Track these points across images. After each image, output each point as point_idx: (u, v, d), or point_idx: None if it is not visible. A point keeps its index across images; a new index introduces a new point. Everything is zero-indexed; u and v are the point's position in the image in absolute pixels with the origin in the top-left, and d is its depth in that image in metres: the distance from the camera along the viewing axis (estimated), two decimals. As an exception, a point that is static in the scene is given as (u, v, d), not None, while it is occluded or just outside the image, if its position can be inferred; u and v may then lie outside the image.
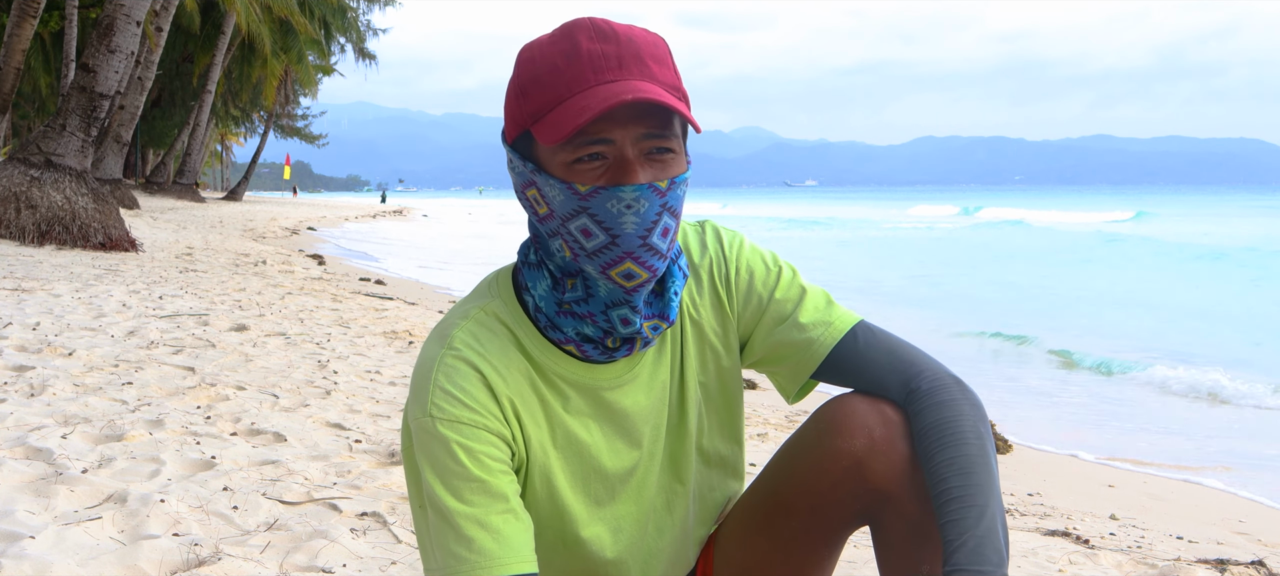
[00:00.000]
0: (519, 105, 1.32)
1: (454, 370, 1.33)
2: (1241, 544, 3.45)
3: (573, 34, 1.29)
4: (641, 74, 1.28)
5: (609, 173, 1.27)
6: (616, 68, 1.27)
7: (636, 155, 1.27)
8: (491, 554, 1.29)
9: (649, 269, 1.31)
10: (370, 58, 44.97)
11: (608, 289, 1.33)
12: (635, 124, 1.27)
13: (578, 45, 1.28)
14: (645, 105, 1.26)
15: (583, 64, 1.27)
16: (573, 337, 1.37)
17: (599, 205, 1.27)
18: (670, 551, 1.54)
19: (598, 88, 1.26)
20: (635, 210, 1.27)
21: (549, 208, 1.32)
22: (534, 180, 1.32)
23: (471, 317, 1.39)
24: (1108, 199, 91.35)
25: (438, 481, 1.31)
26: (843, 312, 1.48)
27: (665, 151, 1.29)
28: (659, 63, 1.30)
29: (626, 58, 1.28)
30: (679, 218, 1.34)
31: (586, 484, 1.44)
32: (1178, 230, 33.89)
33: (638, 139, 1.27)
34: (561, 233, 1.32)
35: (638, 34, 1.31)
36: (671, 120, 1.29)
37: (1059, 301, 13.61)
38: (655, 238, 1.30)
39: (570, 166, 1.28)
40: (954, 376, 1.42)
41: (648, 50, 1.30)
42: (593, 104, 1.24)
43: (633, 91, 1.24)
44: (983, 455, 1.33)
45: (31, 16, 14.28)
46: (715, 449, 1.54)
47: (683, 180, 1.31)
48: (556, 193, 1.29)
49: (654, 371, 1.45)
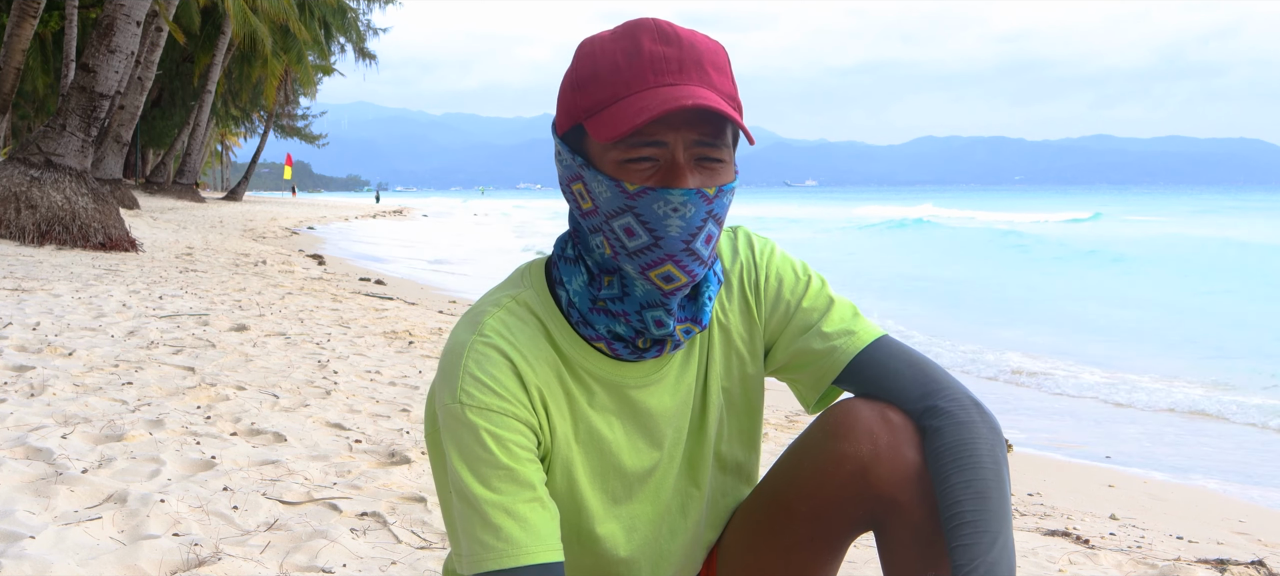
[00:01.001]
0: (574, 98, 1.32)
1: (484, 357, 1.33)
2: (1241, 544, 3.45)
3: (636, 34, 1.29)
4: (701, 80, 1.28)
5: (659, 175, 1.28)
6: (677, 71, 1.28)
7: (687, 160, 1.28)
8: (519, 542, 1.29)
9: (689, 273, 1.31)
10: (370, 58, 45.00)
11: (645, 289, 1.33)
12: (689, 129, 1.27)
13: (640, 45, 1.28)
14: (701, 111, 1.26)
15: (644, 64, 1.27)
16: (604, 335, 1.37)
17: (645, 206, 1.27)
18: (681, 554, 1.54)
19: (657, 89, 1.26)
20: (681, 214, 1.27)
21: (594, 203, 1.32)
22: (581, 174, 1.32)
23: (503, 306, 1.39)
24: (1070, 200, 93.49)
25: (465, 468, 1.31)
26: (868, 325, 1.48)
27: (715, 160, 1.30)
28: (718, 71, 1.31)
29: (687, 63, 1.28)
30: (722, 226, 1.34)
31: (605, 480, 1.44)
32: (1106, 231, 35.05)
33: (690, 144, 1.28)
34: (604, 229, 1.32)
35: (700, 40, 1.31)
36: (725, 129, 1.30)
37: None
38: (698, 243, 1.30)
39: (621, 165, 1.28)
40: (974, 398, 1.41)
41: (708, 57, 1.30)
42: (651, 105, 1.24)
43: (692, 97, 1.24)
44: (998, 480, 1.34)
45: (31, 16, 14.29)
46: (732, 455, 1.54)
47: (730, 189, 1.32)
48: (604, 189, 1.29)
49: (681, 374, 1.45)
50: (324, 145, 57.96)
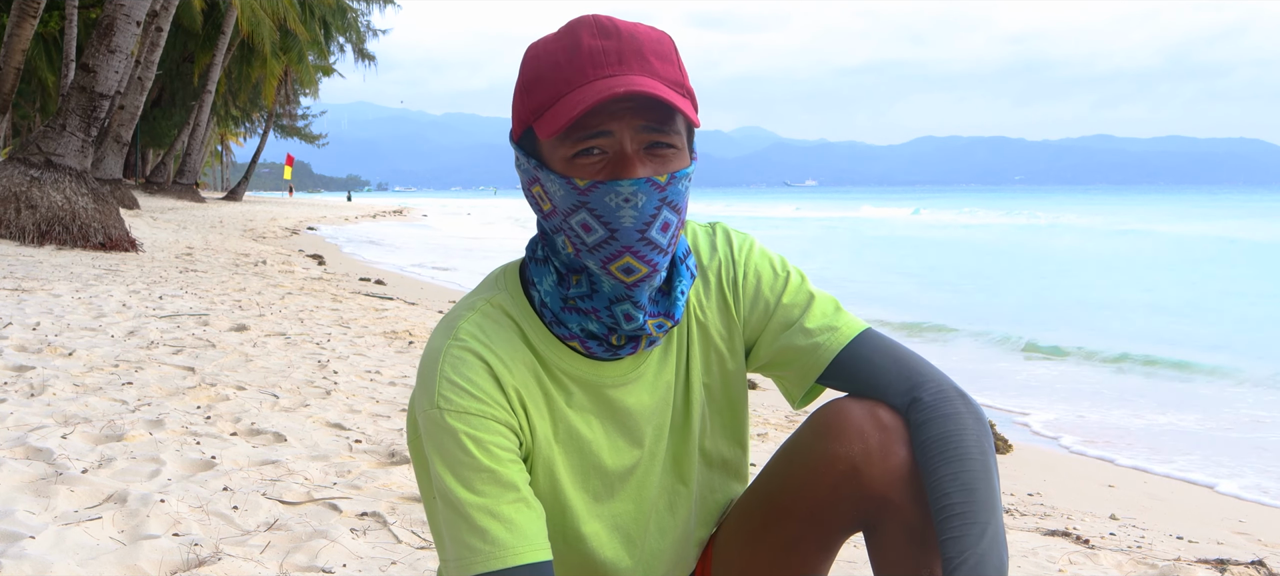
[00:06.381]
0: (522, 102, 1.33)
1: (460, 361, 1.34)
2: (1241, 544, 3.45)
3: (575, 31, 1.30)
4: (642, 69, 1.28)
5: (608, 167, 1.28)
6: (616, 63, 1.27)
7: (635, 150, 1.28)
8: (505, 543, 1.29)
9: (648, 263, 1.31)
10: (370, 59, 45.03)
11: (610, 284, 1.33)
12: (633, 118, 1.27)
13: (579, 41, 1.29)
14: (642, 99, 1.26)
15: (583, 59, 1.28)
16: (577, 333, 1.37)
17: (598, 199, 1.27)
18: (672, 552, 1.54)
19: (595, 82, 1.26)
20: (634, 204, 1.27)
21: (552, 204, 1.32)
22: (537, 176, 1.32)
23: (478, 310, 1.39)
24: (1031, 200, 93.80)
25: (448, 472, 1.31)
26: (850, 320, 1.48)
27: (665, 147, 1.29)
28: (661, 59, 1.30)
29: (627, 53, 1.28)
30: (681, 213, 1.33)
31: (586, 480, 1.44)
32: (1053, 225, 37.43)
33: (636, 132, 1.27)
34: (564, 228, 1.32)
35: (641, 31, 1.31)
36: (673, 116, 1.29)
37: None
38: (654, 232, 1.30)
39: (570, 161, 1.28)
40: (958, 388, 1.41)
41: (650, 46, 1.30)
42: (588, 97, 1.24)
43: (626, 85, 1.24)
44: (985, 471, 1.34)
45: (31, 16, 14.28)
46: (718, 451, 1.54)
47: (684, 176, 1.31)
48: (558, 188, 1.30)
49: (659, 371, 1.45)
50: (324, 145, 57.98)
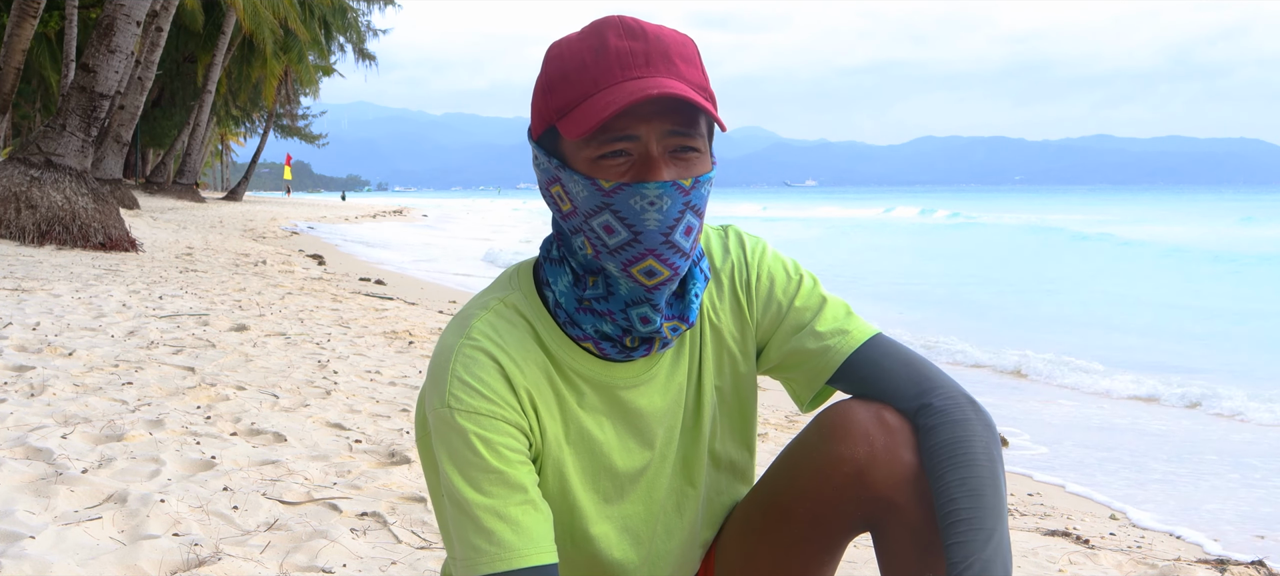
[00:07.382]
0: (545, 100, 1.32)
1: (472, 360, 1.33)
2: (1242, 544, 3.46)
3: (602, 31, 1.29)
4: (669, 72, 1.28)
5: (633, 169, 1.28)
6: (644, 65, 1.27)
7: (661, 153, 1.28)
8: (511, 545, 1.29)
9: (670, 267, 1.31)
10: (370, 59, 45.01)
11: (628, 287, 1.33)
12: (661, 121, 1.27)
13: (606, 42, 1.28)
14: (670, 101, 1.26)
15: (610, 60, 1.27)
16: (591, 335, 1.37)
17: (622, 202, 1.27)
18: (678, 553, 1.54)
19: (624, 83, 1.26)
20: (658, 207, 1.27)
21: (572, 204, 1.32)
22: (558, 176, 1.32)
23: (490, 309, 1.39)
24: (1023, 200, 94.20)
25: (456, 472, 1.31)
26: (861, 324, 1.48)
27: (690, 150, 1.29)
28: (686, 62, 1.31)
29: (654, 55, 1.28)
30: (702, 217, 1.34)
31: (597, 481, 1.44)
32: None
33: (663, 136, 1.27)
34: (584, 229, 1.32)
35: (666, 33, 1.31)
36: (697, 119, 1.29)
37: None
38: (678, 236, 1.30)
39: (595, 162, 1.28)
40: (968, 395, 1.41)
41: (676, 49, 1.30)
42: (618, 99, 1.24)
43: (658, 87, 1.24)
44: (993, 477, 1.34)
45: (31, 16, 14.28)
46: (727, 454, 1.54)
47: (707, 179, 1.31)
48: (580, 188, 1.29)
49: (671, 373, 1.45)
50: (324, 145, 57.93)
